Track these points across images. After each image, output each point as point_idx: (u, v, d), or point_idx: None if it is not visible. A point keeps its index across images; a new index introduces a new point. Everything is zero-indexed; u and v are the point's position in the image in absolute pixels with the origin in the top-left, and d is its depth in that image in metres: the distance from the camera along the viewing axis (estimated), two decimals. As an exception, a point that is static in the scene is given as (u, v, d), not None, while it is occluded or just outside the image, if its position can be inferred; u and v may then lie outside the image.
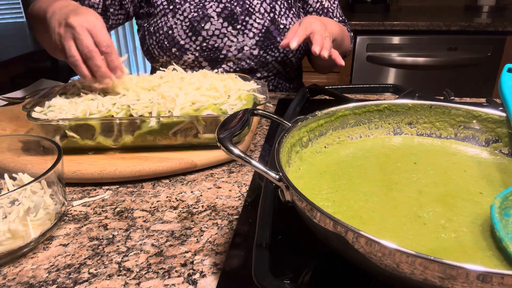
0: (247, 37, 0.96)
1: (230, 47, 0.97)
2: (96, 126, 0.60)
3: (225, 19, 0.95)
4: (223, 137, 0.38)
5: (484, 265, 0.25)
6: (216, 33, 0.95)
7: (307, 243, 0.43)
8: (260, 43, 0.97)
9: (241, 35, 0.96)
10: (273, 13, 0.98)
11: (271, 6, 0.98)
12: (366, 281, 0.36)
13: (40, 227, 0.45)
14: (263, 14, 0.97)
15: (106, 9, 0.97)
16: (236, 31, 0.96)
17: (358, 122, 0.52)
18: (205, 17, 0.95)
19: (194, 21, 0.95)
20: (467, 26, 1.95)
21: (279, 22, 0.98)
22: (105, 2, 0.95)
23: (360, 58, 2.09)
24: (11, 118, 0.78)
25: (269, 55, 0.99)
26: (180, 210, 0.52)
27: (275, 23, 0.97)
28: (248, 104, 0.66)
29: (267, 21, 0.97)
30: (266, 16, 0.97)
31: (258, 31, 0.96)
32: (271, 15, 0.97)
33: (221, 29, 0.95)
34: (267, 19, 0.97)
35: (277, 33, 0.97)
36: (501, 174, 0.45)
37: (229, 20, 0.95)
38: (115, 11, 0.98)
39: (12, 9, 3.18)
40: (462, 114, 0.51)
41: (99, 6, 0.94)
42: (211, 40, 0.95)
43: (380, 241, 0.27)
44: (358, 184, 0.43)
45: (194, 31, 0.95)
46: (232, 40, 0.96)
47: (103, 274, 0.41)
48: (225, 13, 0.95)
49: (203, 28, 0.95)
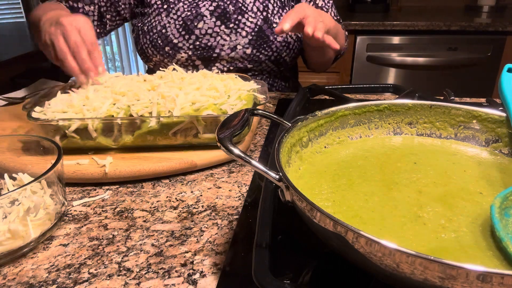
0: (240, 36, 0.96)
1: (223, 46, 0.97)
2: (97, 127, 0.60)
3: (218, 18, 0.96)
4: (223, 137, 0.38)
5: (484, 265, 0.25)
6: (209, 31, 0.95)
7: (307, 243, 0.43)
8: (253, 42, 0.97)
9: (234, 34, 0.96)
10: (266, 12, 0.98)
11: (264, 5, 0.98)
12: (366, 281, 0.36)
13: (40, 227, 0.45)
14: (255, 13, 0.97)
15: (102, 16, 1.00)
16: (229, 30, 0.96)
17: (358, 122, 0.52)
18: (198, 16, 0.95)
19: (187, 19, 0.95)
20: (467, 26, 1.95)
21: (272, 21, 0.98)
22: (100, 9, 0.98)
23: (360, 58, 2.09)
24: (11, 118, 0.78)
25: (262, 54, 0.98)
26: (180, 210, 0.52)
27: (268, 22, 0.97)
28: (248, 104, 0.66)
29: (260, 20, 0.97)
30: (259, 15, 0.97)
31: (251, 30, 0.96)
32: (264, 14, 0.97)
33: (214, 27, 0.95)
34: (260, 18, 0.97)
35: (270, 32, 0.97)
36: (501, 174, 0.45)
37: (222, 18, 0.96)
38: (112, 17, 1.01)
39: (12, 9, 3.18)
40: (462, 114, 0.51)
41: (94, 13, 0.98)
42: (204, 38, 0.96)
43: (380, 241, 0.27)
44: (358, 184, 0.43)
45: (187, 30, 0.95)
46: (225, 39, 0.96)
47: (103, 274, 0.41)
48: (218, 11, 0.96)
49: (196, 26, 0.95)
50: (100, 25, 1.02)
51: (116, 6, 1.01)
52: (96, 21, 1.00)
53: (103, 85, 0.69)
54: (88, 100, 0.63)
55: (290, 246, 0.43)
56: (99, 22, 1.01)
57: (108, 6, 1.00)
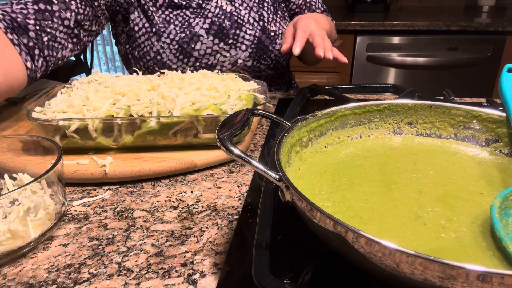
0: (240, 50, 0.94)
1: (224, 62, 0.95)
2: (97, 127, 0.60)
3: (215, 36, 0.92)
4: (223, 137, 0.38)
5: (484, 265, 0.25)
6: (208, 51, 0.92)
7: (307, 243, 0.43)
8: (253, 54, 0.95)
9: (234, 49, 0.94)
10: (262, 21, 0.96)
11: (259, 14, 0.96)
12: (366, 281, 0.36)
13: (40, 227, 0.45)
14: (253, 24, 0.95)
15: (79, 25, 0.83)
16: (228, 46, 0.93)
17: (358, 122, 0.52)
18: (194, 37, 0.90)
19: (182, 43, 0.90)
20: (467, 26, 1.95)
21: (269, 30, 0.97)
22: (77, 17, 0.81)
23: (360, 58, 2.09)
24: (11, 118, 0.78)
25: (262, 64, 0.98)
26: (180, 210, 0.52)
27: (265, 32, 0.96)
28: (248, 104, 0.66)
29: (258, 31, 0.95)
30: (256, 26, 0.95)
31: (250, 42, 0.94)
32: (260, 23, 0.95)
33: (213, 46, 0.92)
34: (258, 29, 0.95)
35: (269, 42, 0.96)
36: (501, 174, 0.45)
37: (220, 36, 0.92)
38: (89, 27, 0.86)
39: (12, 9, 3.18)
40: (462, 114, 0.51)
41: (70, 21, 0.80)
42: (204, 59, 0.93)
43: (380, 241, 0.27)
44: (358, 184, 0.43)
45: (184, 54, 0.91)
46: (225, 55, 0.94)
47: (103, 274, 0.41)
48: (214, 29, 0.92)
49: (193, 49, 0.91)
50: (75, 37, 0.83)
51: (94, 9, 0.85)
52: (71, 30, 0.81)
53: (103, 85, 0.69)
54: (88, 100, 0.63)
55: (290, 246, 0.43)
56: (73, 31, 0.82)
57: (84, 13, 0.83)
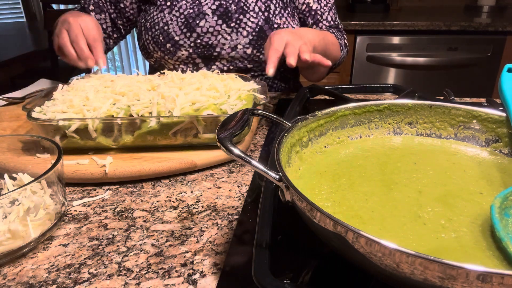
0: (241, 36, 0.96)
1: (224, 45, 0.97)
2: (97, 127, 0.60)
3: (220, 17, 0.96)
4: (223, 137, 0.38)
5: (484, 265, 0.25)
6: (210, 30, 0.96)
7: (307, 243, 0.43)
8: (253, 42, 0.97)
9: (235, 33, 0.96)
10: (268, 12, 0.98)
11: (266, 4, 0.98)
12: (366, 281, 0.36)
13: (40, 227, 0.45)
14: (257, 13, 0.97)
15: (114, 22, 1.05)
16: (230, 29, 0.96)
17: (358, 122, 0.52)
18: (200, 14, 0.96)
19: (189, 17, 0.96)
20: (467, 26, 1.95)
21: (273, 22, 0.98)
22: (111, 16, 1.04)
23: (360, 58, 2.09)
24: (11, 118, 0.78)
25: (262, 55, 0.98)
26: (180, 210, 0.52)
27: (269, 22, 0.97)
28: (248, 104, 0.66)
29: (261, 20, 0.97)
30: (260, 15, 0.97)
31: (252, 30, 0.96)
32: (265, 14, 0.97)
33: (216, 26, 0.96)
34: (261, 18, 0.97)
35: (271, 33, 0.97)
36: (501, 174, 0.45)
37: (224, 17, 0.96)
38: (124, 22, 1.07)
39: (12, 9, 3.18)
40: (462, 114, 0.51)
41: (106, 20, 1.03)
42: (205, 37, 0.96)
43: (380, 241, 0.27)
44: (358, 184, 0.43)
45: (189, 28, 0.95)
46: (226, 38, 0.97)
47: (103, 274, 0.41)
48: (220, 10, 0.96)
49: (197, 24, 0.95)
50: (116, 30, 1.07)
51: (124, 13, 1.04)
52: (110, 27, 1.05)
53: (103, 85, 0.69)
54: (88, 100, 0.63)
55: (290, 246, 0.43)
56: (114, 28, 1.06)
57: (117, 13, 1.04)
